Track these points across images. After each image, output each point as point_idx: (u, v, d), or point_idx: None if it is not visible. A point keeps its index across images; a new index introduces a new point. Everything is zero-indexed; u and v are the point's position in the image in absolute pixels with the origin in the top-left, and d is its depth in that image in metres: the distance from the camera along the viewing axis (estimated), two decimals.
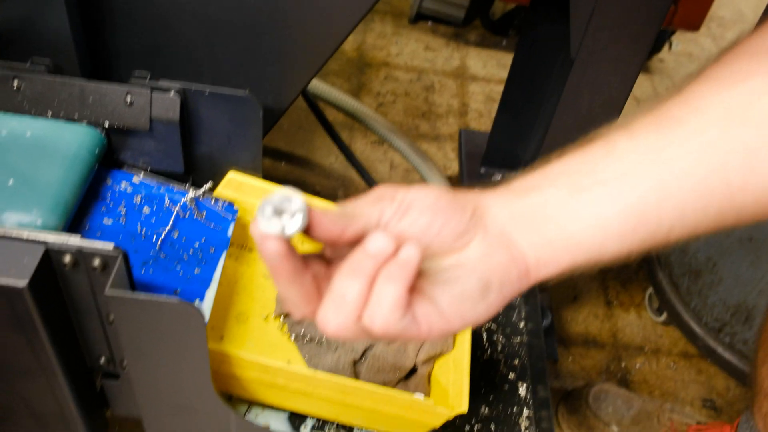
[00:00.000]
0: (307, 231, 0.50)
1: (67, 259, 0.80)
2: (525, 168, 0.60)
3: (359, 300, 0.49)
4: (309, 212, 0.49)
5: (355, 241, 0.52)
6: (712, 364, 1.66)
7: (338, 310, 0.50)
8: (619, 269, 1.88)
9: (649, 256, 1.72)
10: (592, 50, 1.07)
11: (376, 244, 0.48)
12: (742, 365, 1.53)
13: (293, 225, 0.48)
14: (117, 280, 0.80)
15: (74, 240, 0.80)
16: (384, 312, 0.49)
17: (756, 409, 1.16)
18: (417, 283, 0.51)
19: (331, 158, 1.96)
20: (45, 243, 0.79)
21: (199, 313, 0.81)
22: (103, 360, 0.95)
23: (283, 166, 1.92)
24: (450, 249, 0.53)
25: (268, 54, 1.10)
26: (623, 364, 1.66)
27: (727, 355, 1.55)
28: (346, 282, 0.49)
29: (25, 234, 0.80)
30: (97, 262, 0.80)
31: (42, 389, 0.93)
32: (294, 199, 0.48)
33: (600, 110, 1.17)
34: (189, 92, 1.02)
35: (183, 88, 1.01)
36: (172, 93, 1.00)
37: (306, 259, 0.52)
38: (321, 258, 0.55)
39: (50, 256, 0.80)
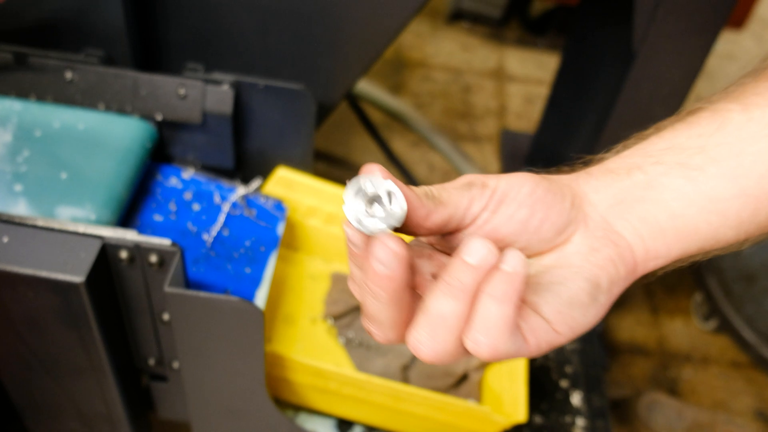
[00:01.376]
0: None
1: (124, 254, 0.77)
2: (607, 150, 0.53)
3: (460, 322, 0.42)
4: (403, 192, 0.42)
5: (436, 232, 0.46)
6: (764, 374, 1.60)
7: (435, 333, 0.43)
8: (665, 274, 1.82)
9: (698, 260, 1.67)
10: (655, 42, 1.03)
11: (477, 254, 0.41)
12: None
13: (395, 213, 0.40)
14: (175, 278, 0.77)
15: (131, 235, 0.78)
16: (492, 335, 0.42)
17: None
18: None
19: (370, 158, 1.93)
20: (102, 237, 0.76)
21: (259, 313, 0.78)
22: (151, 361, 0.93)
23: (320, 167, 1.90)
24: (550, 246, 0.47)
25: (321, 46, 1.07)
26: (671, 373, 1.61)
27: None
28: (443, 300, 0.42)
29: (81, 228, 0.78)
30: (154, 258, 0.78)
31: (91, 389, 0.90)
32: (380, 179, 0.41)
33: (660, 105, 1.13)
34: (242, 85, 0.99)
35: (237, 80, 0.98)
36: (225, 86, 0.98)
37: None
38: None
39: (107, 251, 0.77)
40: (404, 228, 0.44)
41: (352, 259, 0.44)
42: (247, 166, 1.09)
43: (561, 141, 1.53)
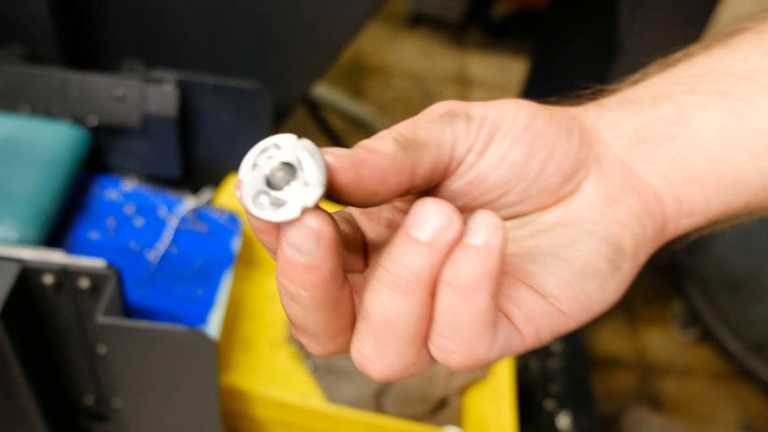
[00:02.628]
0: (340, 194, 0.30)
1: (49, 279, 0.66)
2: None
3: (416, 325, 0.30)
4: (327, 159, 0.29)
5: (419, 190, 0.34)
6: (746, 386, 1.54)
7: (383, 344, 0.31)
8: (640, 281, 1.76)
9: (677, 267, 1.60)
10: (642, 33, 0.95)
11: (430, 225, 0.29)
12: None
13: (310, 192, 0.28)
14: (110, 305, 0.66)
15: (57, 256, 0.66)
16: (464, 339, 0.30)
17: None
18: (506, 266, 0.34)
19: None
20: (21, 261, 0.64)
21: (211, 343, 0.67)
22: (89, 399, 0.80)
23: None
24: (554, 197, 0.36)
25: (275, 42, 0.96)
26: (652, 386, 1.54)
27: (766, 374, 1.44)
28: (387, 298, 0.30)
29: (1, 250, 0.66)
30: (85, 283, 0.66)
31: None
32: (290, 142, 0.29)
33: None
34: (189, 84, 0.88)
35: (182, 79, 0.87)
36: (169, 85, 0.87)
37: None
38: (355, 238, 0.36)
39: (27, 277, 0.65)
40: (374, 198, 0.31)
41: (260, 239, 0.32)
42: (197, 174, 0.98)
43: None
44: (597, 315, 0.35)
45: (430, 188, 0.35)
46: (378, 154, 0.30)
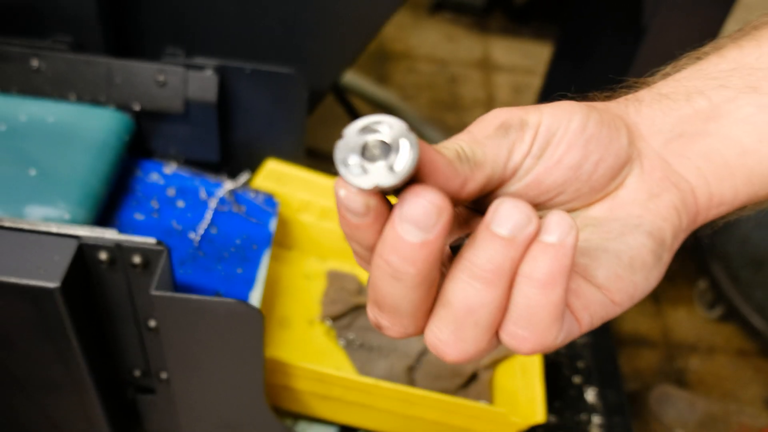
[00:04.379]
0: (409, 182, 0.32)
1: (104, 255, 0.69)
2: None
3: (493, 314, 0.33)
4: (420, 147, 0.31)
5: (471, 199, 0.36)
6: None
7: (461, 330, 0.33)
8: None
9: (701, 247, 1.62)
10: (667, 15, 0.97)
11: (509, 222, 0.31)
12: None
13: (403, 163, 0.29)
14: (162, 280, 0.70)
15: (111, 234, 0.70)
16: (537, 329, 0.33)
17: None
18: None
19: None
20: (78, 237, 0.68)
21: (259, 315, 0.70)
22: (137, 372, 0.85)
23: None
24: (602, 194, 0.38)
25: (310, 28, 0.99)
26: (677, 364, 1.56)
27: None
28: (470, 288, 0.32)
29: (55, 228, 0.69)
30: (137, 259, 0.70)
31: (71, 406, 0.82)
32: (401, 126, 0.30)
33: None
34: (228, 70, 0.91)
35: (221, 65, 0.91)
36: (209, 71, 0.90)
37: None
38: None
39: (84, 253, 0.69)
40: None
41: (350, 232, 0.33)
42: (234, 158, 1.02)
43: None
44: (640, 300, 0.38)
45: (490, 193, 0.37)
46: (440, 157, 0.33)
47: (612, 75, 1.22)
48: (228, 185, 0.97)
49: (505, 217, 0.31)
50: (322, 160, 1.91)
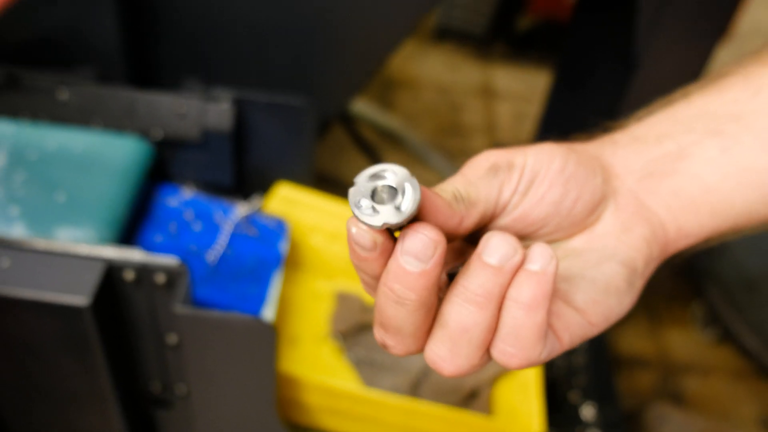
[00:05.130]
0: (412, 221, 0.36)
1: (130, 275, 0.75)
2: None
3: (484, 333, 0.37)
4: (423, 191, 0.35)
5: (466, 234, 0.40)
6: (766, 383, 1.60)
7: (457, 347, 0.37)
8: (662, 284, 1.82)
9: (697, 270, 1.66)
10: (658, 49, 1.03)
11: (498, 253, 0.35)
12: None
13: (405, 208, 0.34)
14: (184, 297, 0.75)
15: (136, 254, 0.75)
16: (523, 346, 0.37)
17: None
18: None
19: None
20: (106, 258, 0.74)
21: (272, 330, 0.75)
22: (156, 387, 0.89)
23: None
24: (581, 227, 0.42)
25: (320, 61, 1.05)
26: (674, 384, 1.60)
27: None
28: (464, 310, 0.36)
29: (85, 249, 0.75)
30: (161, 278, 0.75)
31: (93, 418, 0.87)
32: (403, 171, 0.35)
33: None
34: (242, 102, 0.97)
35: (237, 97, 0.96)
36: (225, 103, 0.96)
37: None
38: None
39: (111, 272, 0.74)
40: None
41: (358, 263, 0.37)
42: (248, 183, 1.07)
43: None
44: (615, 322, 0.42)
45: (483, 226, 0.41)
46: (438, 199, 0.37)
47: (607, 103, 1.29)
48: (242, 209, 1.03)
49: (494, 248, 0.35)
50: (331, 185, 1.98)
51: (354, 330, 1.08)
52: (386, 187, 0.35)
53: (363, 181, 0.35)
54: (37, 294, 0.70)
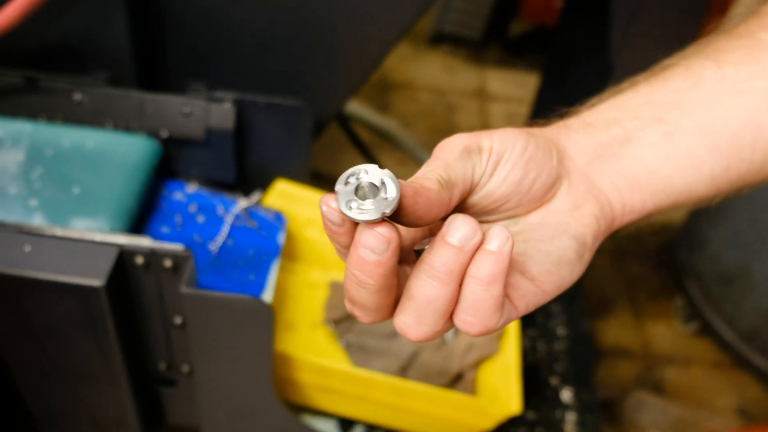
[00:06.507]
0: (399, 214, 0.40)
1: (140, 260, 0.82)
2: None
3: (446, 304, 0.41)
4: (415, 189, 0.39)
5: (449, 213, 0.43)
6: (744, 374, 1.67)
7: (422, 317, 0.42)
8: (647, 279, 1.89)
9: (677, 265, 1.74)
10: (631, 54, 1.10)
11: (459, 234, 0.39)
12: None
13: (387, 200, 0.38)
14: (189, 280, 0.82)
15: (146, 242, 0.83)
16: (482, 315, 0.41)
17: None
18: None
19: None
20: (119, 244, 0.81)
21: (269, 309, 0.83)
22: (162, 366, 0.97)
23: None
24: (537, 204, 0.47)
25: (317, 65, 1.13)
26: (655, 374, 1.67)
27: (760, 362, 1.56)
28: (428, 284, 0.41)
29: (99, 236, 0.82)
30: (168, 263, 0.83)
31: (105, 394, 0.94)
32: (375, 169, 0.39)
33: None
34: (244, 103, 1.05)
35: (238, 98, 1.04)
36: (227, 104, 1.03)
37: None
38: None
39: (124, 257, 0.82)
40: (420, 221, 0.41)
41: (331, 235, 0.41)
42: (248, 179, 1.15)
43: None
44: (566, 290, 0.47)
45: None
46: (429, 191, 0.40)
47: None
48: (242, 203, 1.10)
49: (456, 229, 0.39)
50: (326, 181, 2.05)
51: (346, 317, 1.15)
52: (367, 184, 0.39)
53: (342, 186, 0.39)
54: (56, 276, 0.78)
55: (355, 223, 0.40)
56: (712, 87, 0.48)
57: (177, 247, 0.82)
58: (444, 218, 0.42)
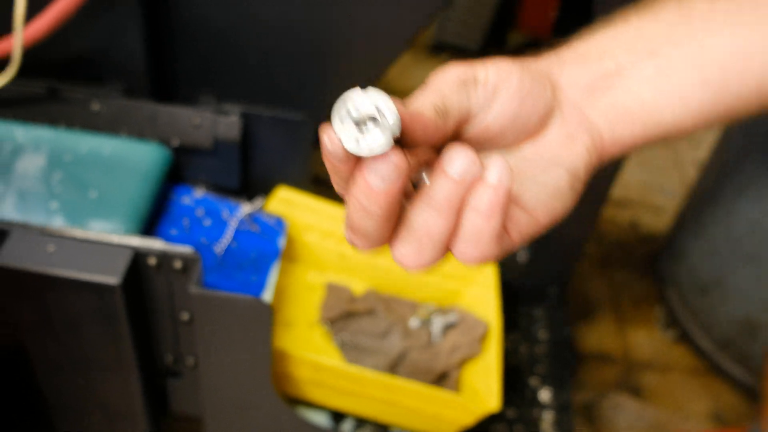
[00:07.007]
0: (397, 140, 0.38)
1: (152, 260, 0.90)
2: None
3: (446, 236, 0.41)
4: (410, 113, 0.38)
5: (442, 143, 0.43)
6: (719, 380, 1.75)
7: (420, 247, 0.42)
8: (631, 287, 1.97)
9: (659, 275, 1.82)
10: None
11: (459, 166, 0.39)
12: (748, 380, 1.62)
13: (390, 124, 0.36)
14: (197, 280, 0.90)
15: (158, 244, 0.90)
16: (480, 247, 0.42)
17: (764, 418, 1.25)
18: None
19: None
20: (134, 246, 0.89)
21: (269, 309, 0.91)
22: (169, 358, 1.05)
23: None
24: (533, 135, 0.46)
25: (322, 76, 1.20)
26: (634, 379, 1.75)
27: (734, 370, 1.64)
28: (427, 214, 0.41)
29: (116, 238, 0.90)
30: (178, 264, 0.90)
31: (116, 384, 1.02)
32: (362, 96, 0.37)
33: None
34: (249, 116, 1.12)
35: (244, 112, 1.12)
36: (234, 117, 1.11)
37: None
38: None
39: (137, 258, 0.90)
40: (413, 146, 0.41)
41: (332, 169, 0.40)
42: (252, 185, 1.22)
43: None
44: (559, 220, 0.47)
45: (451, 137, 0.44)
46: (425, 117, 0.40)
47: None
48: (246, 208, 1.18)
49: (456, 161, 0.39)
50: (326, 187, 2.12)
51: (341, 317, 1.23)
52: (365, 116, 0.37)
53: (340, 125, 0.37)
54: (77, 274, 0.86)
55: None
56: (701, 20, 0.48)
57: (186, 249, 0.90)
58: (440, 149, 0.43)
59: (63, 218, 0.99)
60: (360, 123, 0.37)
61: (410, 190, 0.44)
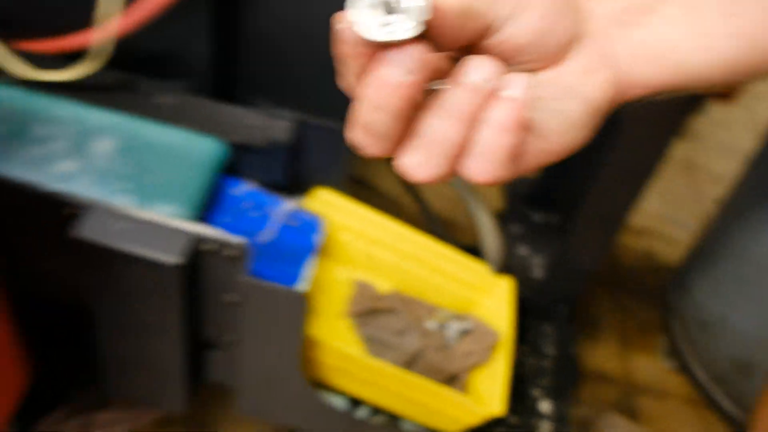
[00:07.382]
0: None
1: (209, 246, 1.01)
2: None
3: (457, 147, 0.40)
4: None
5: (460, 47, 0.41)
6: (712, 413, 1.83)
7: (430, 156, 0.40)
8: (638, 314, 2.05)
9: (666, 305, 1.90)
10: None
11: (477, 74, 0.38)
12: (739, 416, 1.70)
13: (419, 6, 0.34)
14: (245, 268, 1.01)
15: (216, 232, 1.01)
16: (490, 165, 0.40)
17: None
18: None
19: (388, 181, 2.15)
20: (194, 232, 1.00)
21: (304, 299, 1.01)
22: (211, 333, 1.15)
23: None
24: (554, 60, 0.43)
25: None
26: (632, 401, 1.83)
27: (727, 405, 1.72)
28: (439, 122, 0.39)
29: (178, 223, 1.01)
30: (230, 251, 1.01)
31: (164, 349, 1.13)
32: None
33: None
34: (300, 122, 1.23)
35: (296, 118, 1.23)
36: (286, 122, 1.22)
37: None
38: None
39: (196, 242, 1.01)
40: (439, 44, 0.39)
41: (343, 59, 0.38)
42: (295, 184, 1.33)
43: (563, 182, 1.76)
44: (574, 152, 0.45)
45: (471, 47, 0.42)
46: (446, 11, 0.37)
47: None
48: (288, 204, 1.29)
49: (474, 69, 0.38)
50: (363, 187, 2.21)
51: (366, 312, 1.33)
52: (388, 1, 0.35)
53: (359, 9, 0.34)
54: (143, 251, 0.97)
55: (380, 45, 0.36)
56: None
57: (239, 240, 1.01)
58: (457, 58, 0.41)
59: (129, 199, 1.11)
60: (382, 6, 0.34)
61: (420, 100, 0.41)
